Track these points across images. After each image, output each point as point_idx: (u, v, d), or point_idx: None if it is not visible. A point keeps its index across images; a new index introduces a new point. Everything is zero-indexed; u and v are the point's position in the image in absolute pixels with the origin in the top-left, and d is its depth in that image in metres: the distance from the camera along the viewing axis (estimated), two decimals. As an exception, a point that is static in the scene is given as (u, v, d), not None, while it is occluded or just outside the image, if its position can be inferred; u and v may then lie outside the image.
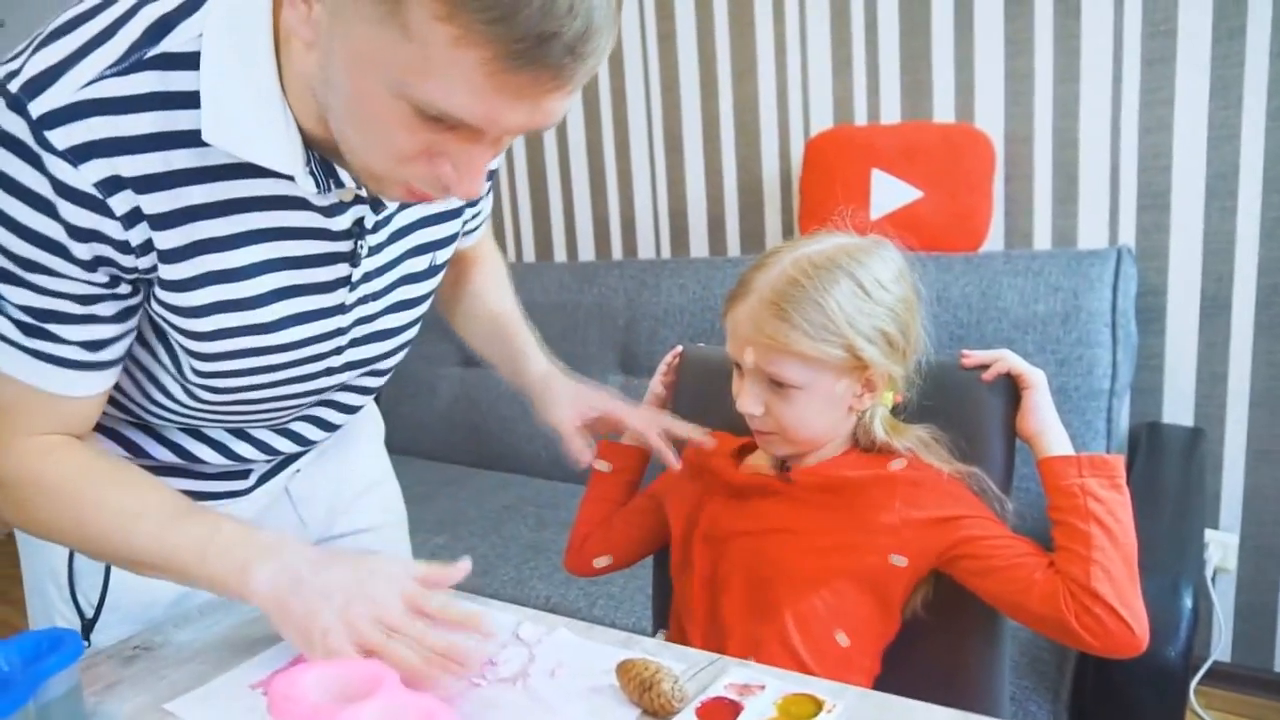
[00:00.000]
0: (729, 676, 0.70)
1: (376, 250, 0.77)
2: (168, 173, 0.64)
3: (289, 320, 0.75)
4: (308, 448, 0.95)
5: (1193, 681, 1.80)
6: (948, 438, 0.91)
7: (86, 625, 0.88)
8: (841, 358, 0.86)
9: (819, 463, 0.93)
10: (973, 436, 0.92)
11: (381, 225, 0.76)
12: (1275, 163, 1.65)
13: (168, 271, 0.68)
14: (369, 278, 0.78)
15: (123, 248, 0.65)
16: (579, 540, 1.09)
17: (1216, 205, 1.71)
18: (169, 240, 0.66)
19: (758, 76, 2.12)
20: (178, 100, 0.63)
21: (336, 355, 0.81)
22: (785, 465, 0.93)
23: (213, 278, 0.69)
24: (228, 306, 0.71)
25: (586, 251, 2.50)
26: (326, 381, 0.83)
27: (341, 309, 0.78)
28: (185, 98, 0.63)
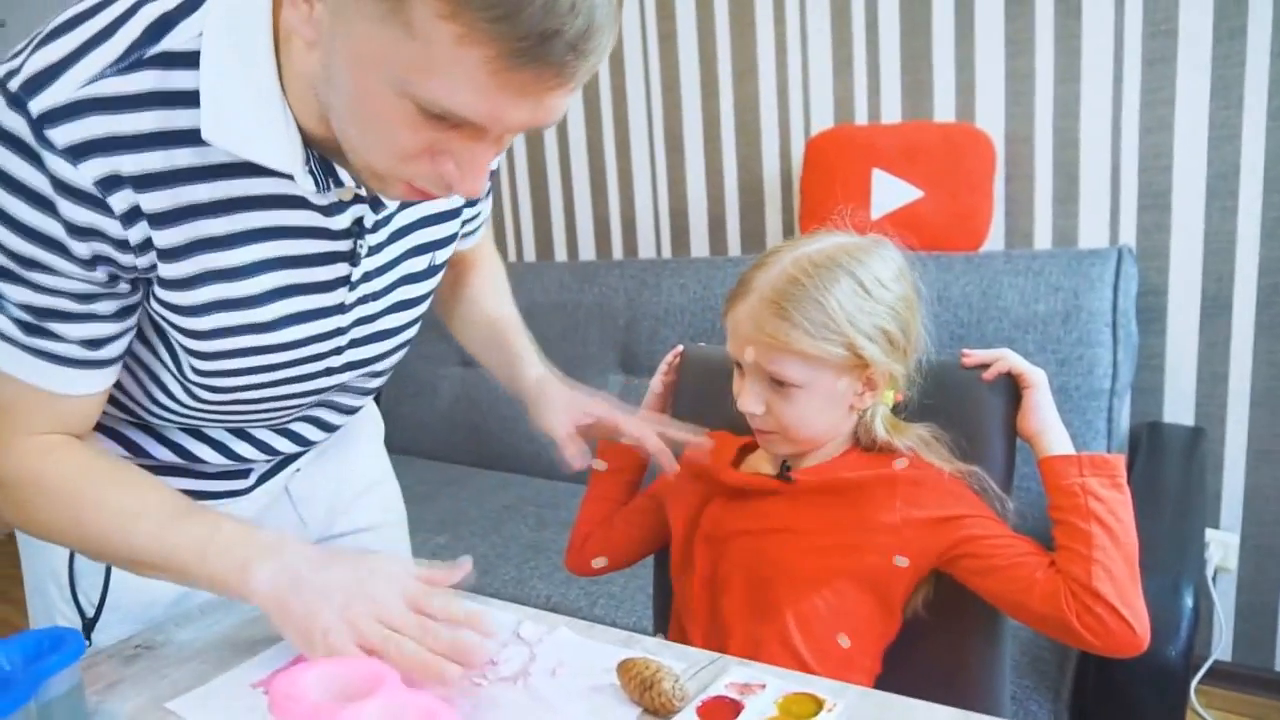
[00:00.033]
0: (730, 675, 0.70)
1: (376, 250, 0.77)
2: (168, 171, 0.64)
3: (288, 319, 0.75)
4: (307, 448, 0.95)
5: (1193, 681, 1.80)
6: (948, 437, 0.91)
7: (87, 624, 0.87)
8: (842, 356, 0.86)
9: (820, 463, 0.93)
10: (973, 436, 0.92)
11: (381, 225, 0.76)
12: (1276, 162, 1.65)
13: (167, 270, 0.67)
14: (369, 277, 0.78)
15: (122, 246, 0.65)
16: (579, 540, 1.09)
17: (1217, 205, 1.71)
18: (168, 238, 0.66)
19: (758, 76, 2.12)
20: (178, 99, 0.63)
21: (336, 355, 0.81)
22: (786, 465, 0.93)
23: (212, 276, 0.69)
24: (227, 305, 0.71)
25: (587, 251, 2.50)
26: (326, 382, 0.83)
27: (341, 308, 0.78)
28: (185, 96, 0.63)
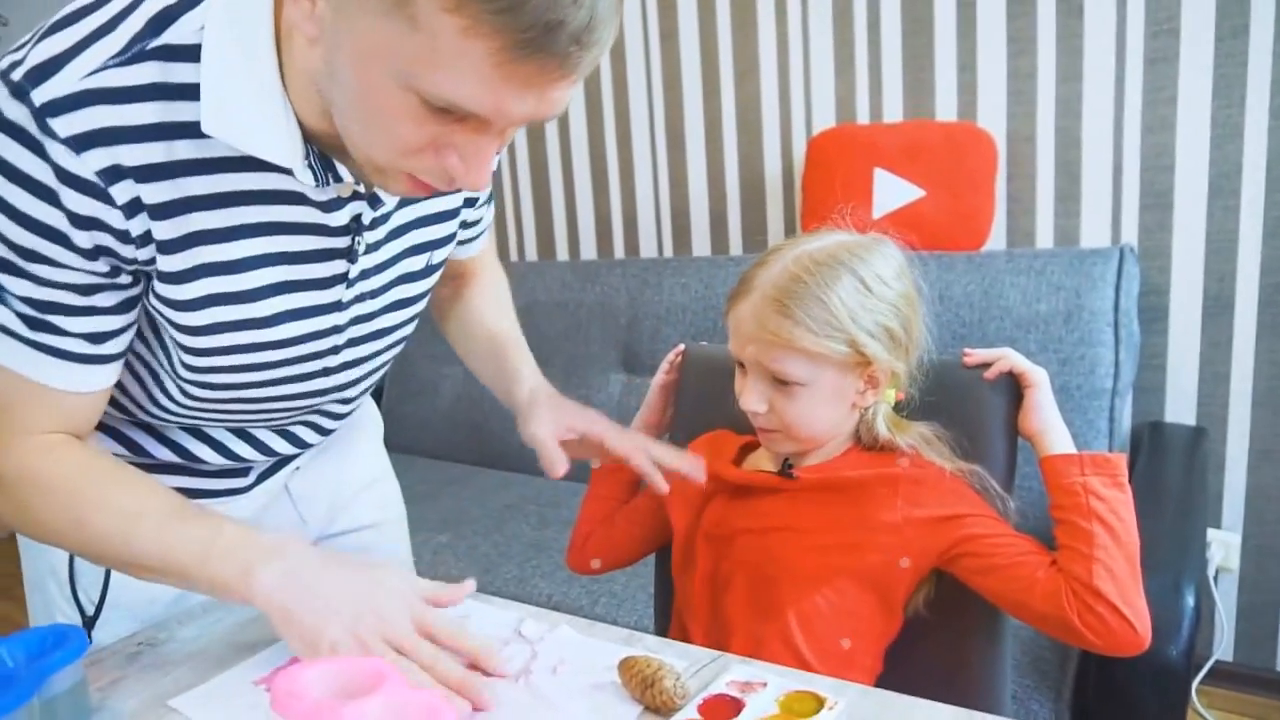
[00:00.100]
0: (731, 674, 0.70)
1: (374, 248, 0.77)
2: (169, 163, 0.64)
3: (285, 316, 0.74)
4: (305, 449, 0.95)
5: (1195, 681, 1.80)
6: (950, 436, 0.91)
7: (87, 622, 0.87)
8: (845, 353, 0.86)
9: (822, 461, 0.93)
10: (975, 435, 0.92)
11: (379, 223, 0.76)
12: (1278, 162, 1.65)
13: (165, 263, 0.68)
14: (366, 275, 0.78)
15: (123, 237, 0.65)
16: (581, 539, 1.09)
17: (1219, 204, 1.71)
18: (167, 231, 0.66)
19: (760, 75, 2.12)
20: (179, 92, 0.63)
21: (333, 354, 0.81)
22: (788, 464, 0.93)
23: (209, 270, 0.69)
24: (223, 300, 0.71)
25: (589, 250, 2.50)
26: (324, 383, 0.83)
27: (338, 306, 0.78)
28: (186, 89, 0.63)
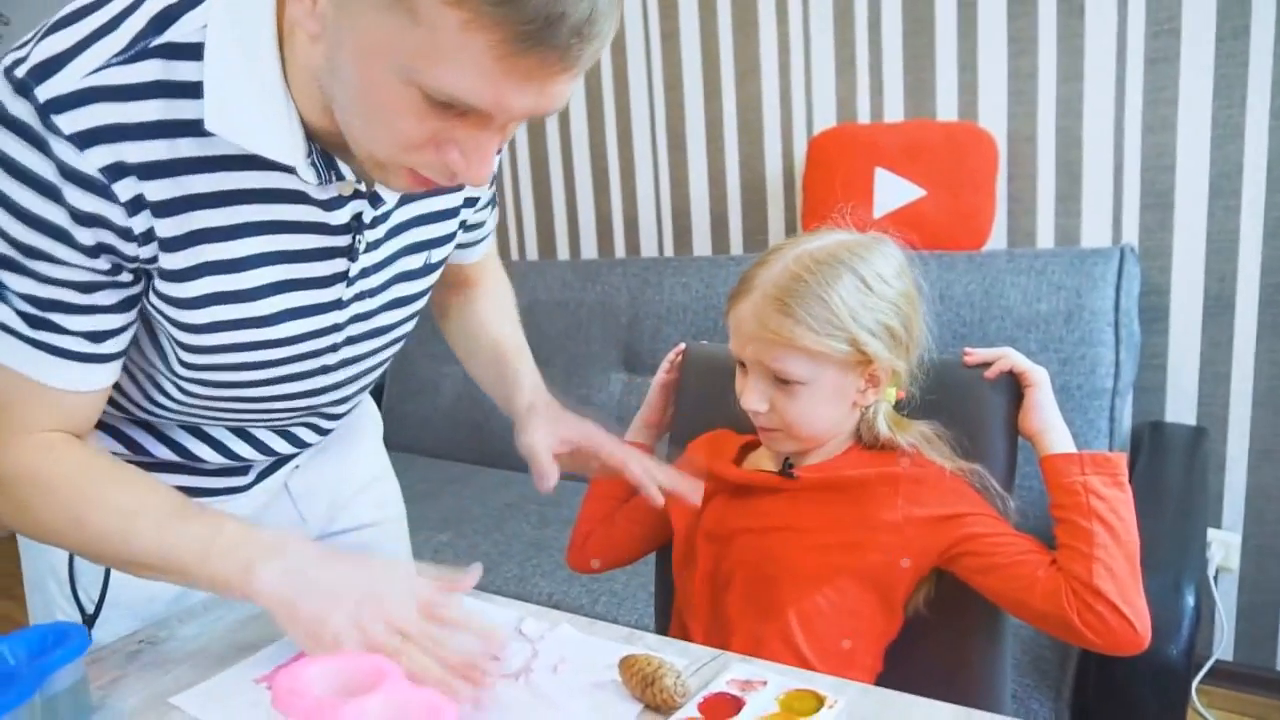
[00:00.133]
0: (731, 672, 0.70)
1: (374, 246, 0.77)
2: (172, 160, 0.64)
3: (285, 314, 0.75)
4: (304, 448, 0.95)
5: (1195, 680, 1.80)
6: (950, 435, 0.91)
7: (87, 621, 0.87)
8: (846, 352, 0.86)
9: (822, 460, 0.93)
10: (975, 434, 0.92)
11: (379, 221, 0.76)
12: (1278, 162, 1.64)
13: (167, 260, 0.68)
14: (366, 274, 0.78)
15: (125, 234, 0.65)
16: (581, 538, 1.09)
17: (1220, 204, 1.71)
18: (169, 228, 0.66)
19: (761, 75, 2.12)
20: (181, 90, 0.63)
21: (332, 352, 0.81)
22: (788, 463, 0.94)
23: (210, 268, 0.69)
24: (224, 298, 0.71)
25: (589, 249, 2.50)
26: (322, 381, 0.83)
27: (338, 304, 0.78)
28: (189, 88, 0.63)
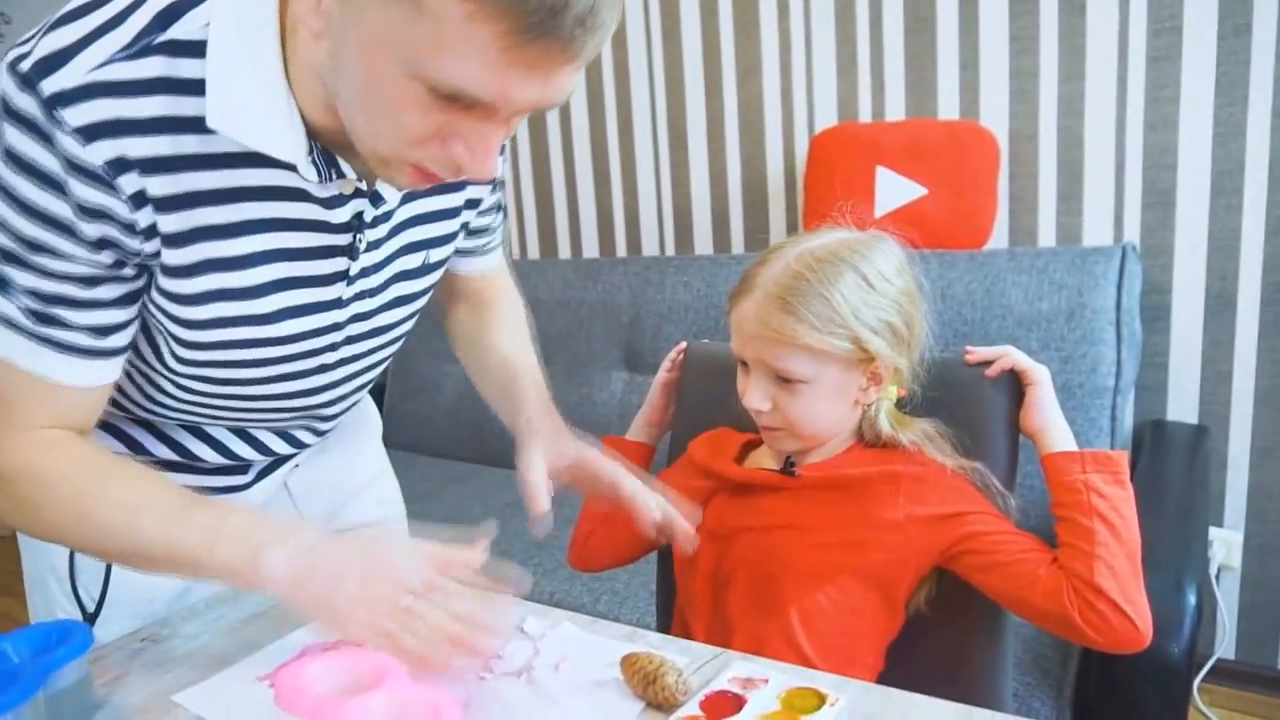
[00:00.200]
0: (732, 670, 0.70)
1: (375, 245, 0.78)
2: (174, 156, 0.65)
3: (286, 312, 0.75)
4: (303, 449, 0.95)
5: (1196, 679, 1.80)
6: (952, 433, 0.91)
7: (88, 619, 0.88)
8: (848, 350, 0.86)
9: (824, 459, 0.93)
10: (977, 432, 0.92)
11: (380, 221, 0.76)
12: (1280, 160, 1.65)
13: (170, 256, 0.68)
14: (366, 273, 0.78)
15: (129, 229, 0.65)
16: (582, 537, 1.09)
17: (1222, 203, 1.70)
18: (172, 224, 0.67)
19: (762, 74, 2.12)
20: (184, 86, 0.64)
21: (331, 351, 0.81)
22: (790, 461, 0.94)
23: (212, 265, 0.70)
24: (226, 295, 0.71)
25: (591, 248, 2.50)
26: (321, 379, 0.83)
27: (339, 303, 0.78)
28: (192, 85, 0.64)
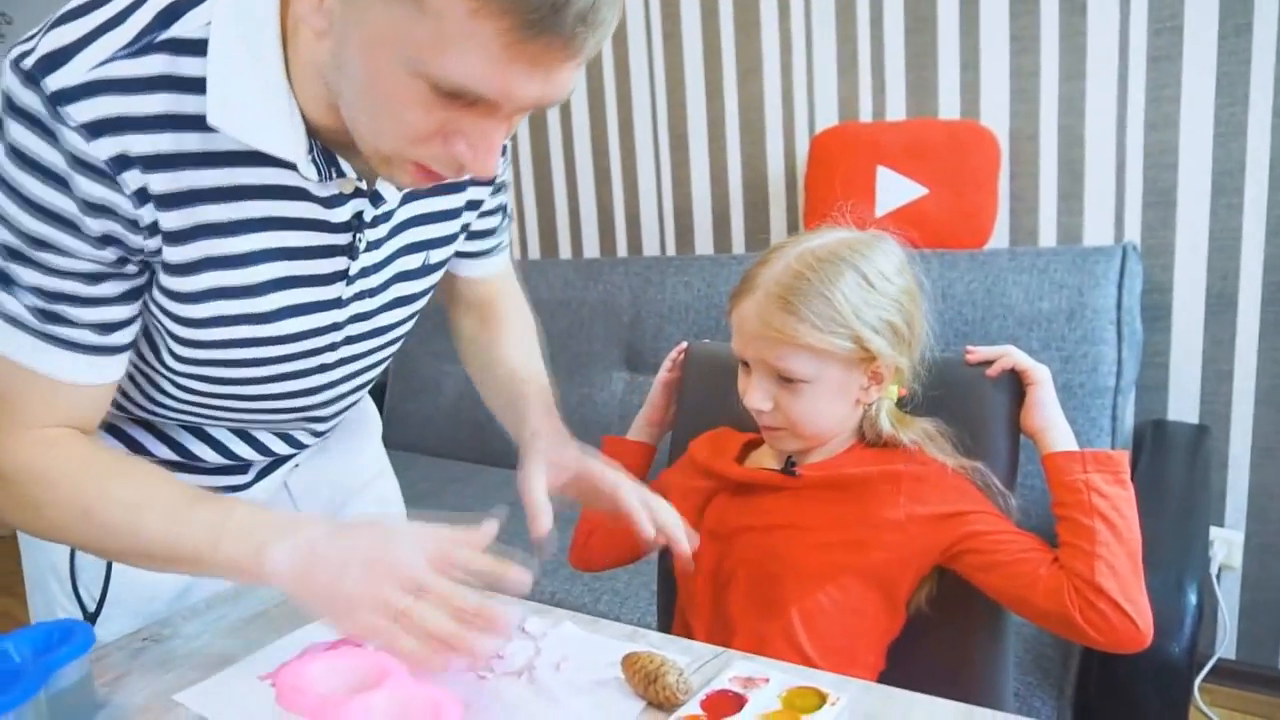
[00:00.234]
0: (733, 669, 0.70)
1: (375, 245, 0.78)
2: (175, 154, 0.65)
3: (286, 311, 0.75)
4: (302, 449, 0.95)
5: (1197, 679, 1.80)
6: (952, 432, 0.91)
7: (89, 619, 0.88)
8: (849, 349, 0.86)
9: (825, 458, 0.93)
10: (977, 432, 0.92)
11: (380, 220, 0.77)
12: (1281, 159, 1.65)
13: (171, 254, 0.68)
14: (366, 273, 0.78)
15: (133, 225, 0.66)
16: (583, 536, 1.09)
17: (1222, 202, 1.70)
18: (173, 221, 0.67)
19: (763, 74, 2.12)
20: (186, 84, 0.64)
21: (331, 351, 0.81)
22: (791, 461, 0.94)
23: (213, 263, 0.70)
24: (226, 293, 0.71)
25: (591, 248, 2.50)
26: (320, 379, 0.83)
27: (338, 303, 0.78)
28: (193, 83, 0.64)
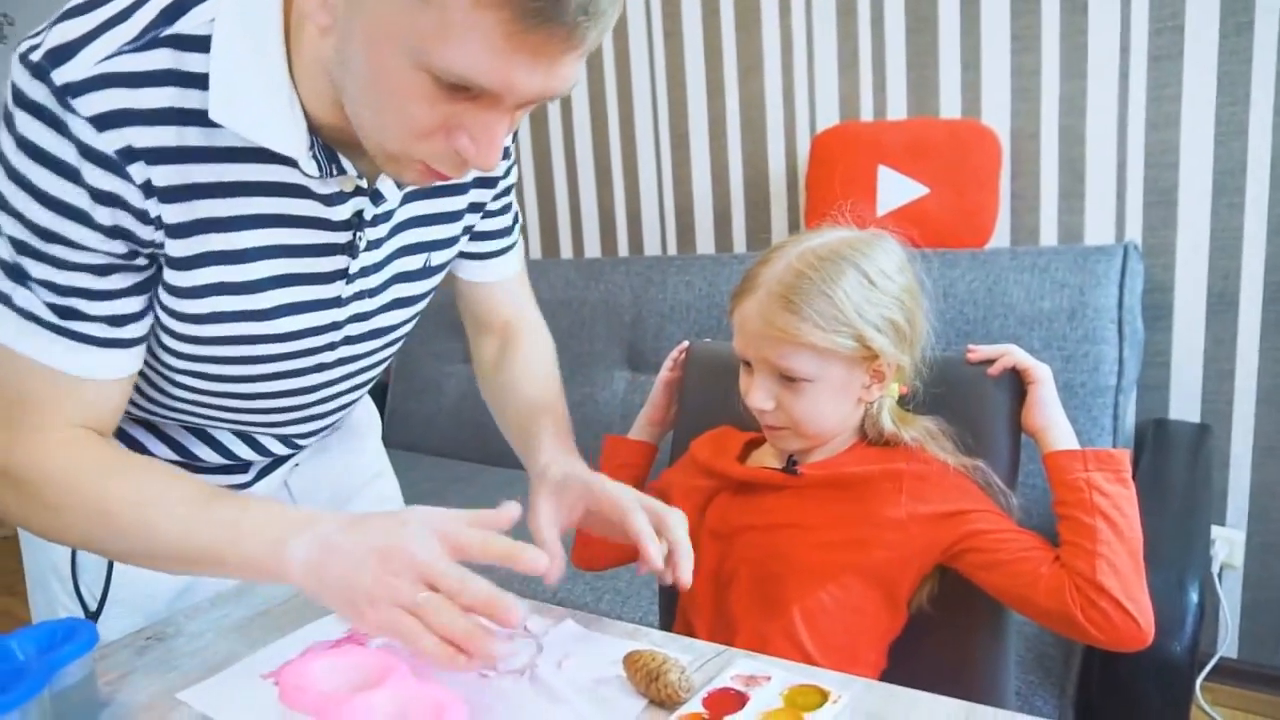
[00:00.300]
0: (735, 668, 0.70)
1: (375, 245, 0.78)
2: (178, 148, 0.65)
3: (284, 309, 0.75)
4: (300, 450, 0.96)
5: (1199, 678, 1.80)
6: (954, 431, 0.91)
7: (90, 618, 0.88)
8: (852, 348, 0.86)
9: (826, 457, 0.93)
10: (979, 431, 0.92)
11: (381, 220, 0.77)
12: (1283, 159, 1.65)
13: (173, 248, 0.68)
14: (365, 272, 0.79)
15: (142, 217, 0.66)
16: (585, 535, 1.09)
17: (1224, 201, 1.70)
18: (175, 215, 0.67)
19: (764, 73, 2.12)
20: (190, 80, 0.64)
21: (330, 351, 0.81)
22: (792, 460, 0.94)
23: (213, 258, 0.70)
24: (226, 289, 0.71)
25: (593, 248, 2.50)
26: (318, 379, 0.84)
27: (338, 302, 0.78)
28: (197, 78, 0.64)
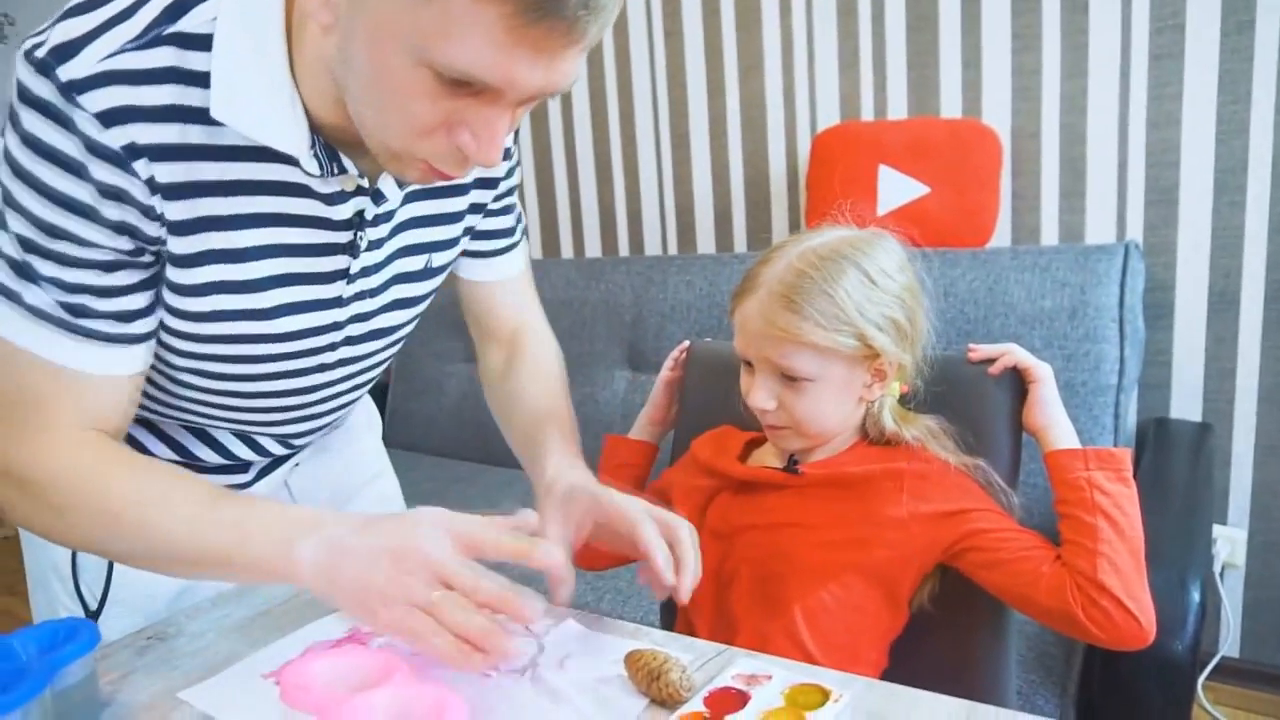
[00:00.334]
0: (736, 667, 0.70)
1: (376, 245, 0.78)
2: (181, 145, 0.65)
3: (285, 308, 0.75)
4: (299, 450, 0.96)
5: (1201, 677, 1.80)
6: (955, 430, 0.91)
7: (90, 617, 0.88)
8: (853, 347, 0.86)
9: (827, 456, 0.93)
10: (980, 430, 0.92)
11: (382, 220, 0.77)
12: (1284, 157, 1.64)
13: (175, 245, 0.68)
14: (366, 272, 0.79)
15: (148, 213, 0.66)
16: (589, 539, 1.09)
17: (1225, 200, 1.70)
18: (177, 212, 0.67)
19: (764, 73, 2.12)
20: (192, 78, 0.64)
21: (330, 351, 0.81)
22: (794, 459, 0.94)
23: (214, 256, 0.70)
24: (226, 288, 0.72)
25: (593, 248, 2.50)
26: (318, 379, 0.84)
27: (339, 302, 0.78)
28: (199, 76, 0.64)
